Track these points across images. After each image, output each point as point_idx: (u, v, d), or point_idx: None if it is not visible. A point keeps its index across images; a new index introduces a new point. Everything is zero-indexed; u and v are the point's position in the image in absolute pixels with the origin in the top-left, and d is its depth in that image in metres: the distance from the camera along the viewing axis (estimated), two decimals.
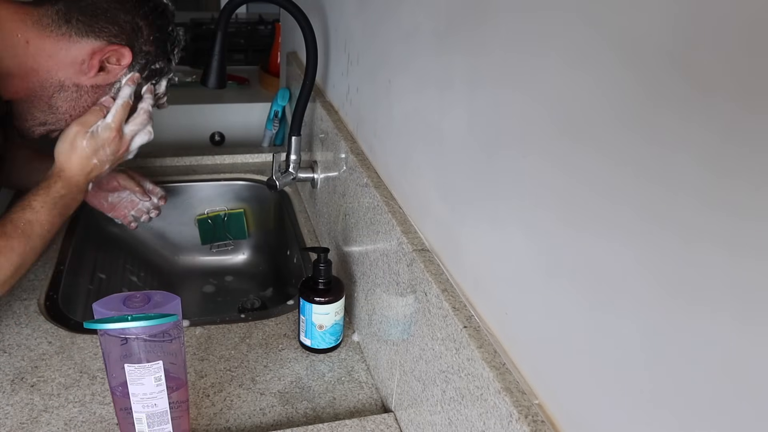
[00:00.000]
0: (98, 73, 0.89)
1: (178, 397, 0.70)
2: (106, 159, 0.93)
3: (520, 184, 0.51)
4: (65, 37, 0.86)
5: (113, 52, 0.89)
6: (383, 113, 0.84)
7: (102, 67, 0.89)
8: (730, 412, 0.33)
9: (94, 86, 0.90)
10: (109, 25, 0.88)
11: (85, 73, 0.88)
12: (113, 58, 0.89)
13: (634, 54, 0.38)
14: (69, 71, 0.87)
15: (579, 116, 0.43)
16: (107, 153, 0.93)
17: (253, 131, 1.81)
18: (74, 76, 0.88)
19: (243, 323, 0.96)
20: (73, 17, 0.86)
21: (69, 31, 0.86)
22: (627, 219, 0.39)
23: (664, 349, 0.37)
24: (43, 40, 0.84)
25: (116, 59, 0.89)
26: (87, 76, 0.89)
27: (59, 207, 0.86)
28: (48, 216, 0.84)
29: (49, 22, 0.85)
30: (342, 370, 0.89)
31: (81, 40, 0.87)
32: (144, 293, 0.66)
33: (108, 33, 0.88)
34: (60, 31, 0.85)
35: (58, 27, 0.85)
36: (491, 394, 0.53)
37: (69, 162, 0.90)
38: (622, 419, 0.41)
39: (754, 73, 0.30)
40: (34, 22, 0.84)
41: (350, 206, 0.95)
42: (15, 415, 0.77)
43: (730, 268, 0.32)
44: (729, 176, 0.32)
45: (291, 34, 1.50)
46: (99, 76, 0.89)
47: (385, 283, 0.80)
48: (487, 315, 0.59)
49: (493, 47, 0.54)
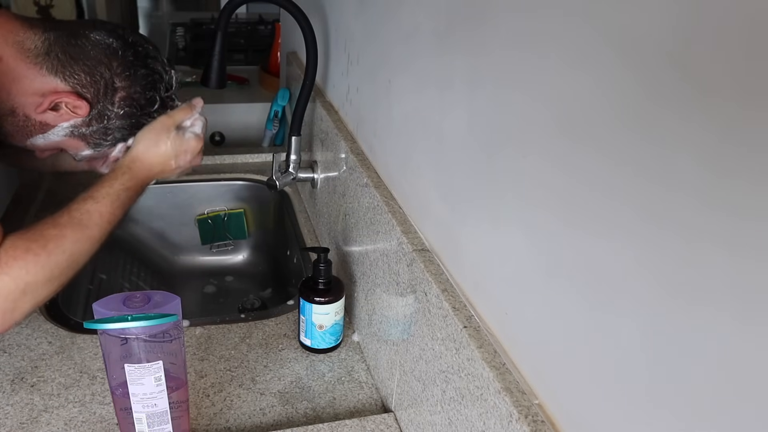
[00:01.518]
0: (48, 112, 0.86)
1: (178, 397, 0.70)
2: (182, 165, 0.94)
3: (520, 184, 0.51)
4: (36, 67, 0.83)
5: (72, 100, 0.85)
6: (383, 113, 0.84)
7: (55, 107, 0.86)
8: (730, 412, 0.33)
9: (42, 122, 0.87)
10: (81, 73, 0.86)
11: (36, 107, 0.85)
12: (70, 104, 0.86)
13: (634, 54, 0.38)
14: (25, 100, 0.84)
15: (579, 116, 0.43)
16: (186, 159, 0.93)
17: (253, 131, 1.81)
18: (27, 107, 0.85)
19: (243, 323, 0.96)
20: (53, 52, 0.84)
21: (43, 63, 0.83)
22: (627, 219, 0.39)
23: (664, 349, 0.37)
24: (16, 63, 0.82)
25: (72, 107, 0.86)
26: (38, 113, 0.85)
27: (122, 199, 0.84)
28: (110, 207, 0.82)
29: (31, 47, 0.82)
30: (342, 370, 0.89)
31: (48, 76, 0.84)
32: (144, 293, 0.66)
33: (76, 81, 0.86)
34: (35, 60, 0.83)
35: (35, 56, 0.83)
36: (491, 394, 0.53)
37: (146, 154, 0.89)
38: (622, 419, 0.41)
39: (754, 73, 0.30)
40: (17, 42, 0.82)
41: (350, 206, 0.95)
42: (15, 415, 0.77)
43: (730, 268, 0.32)
44: (729, 176, 0.32)
45: (291, 34, 1.50)
46: (48, 114, 0.86)
47: (385, 283, 0.80)
48: (487, 315, 0.59)
49: (493, 47, 0.54)
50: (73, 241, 0.76)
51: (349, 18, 0.98)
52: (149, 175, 0.90)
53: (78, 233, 0.77)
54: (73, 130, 0.88)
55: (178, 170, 0.95)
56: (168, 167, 0.93)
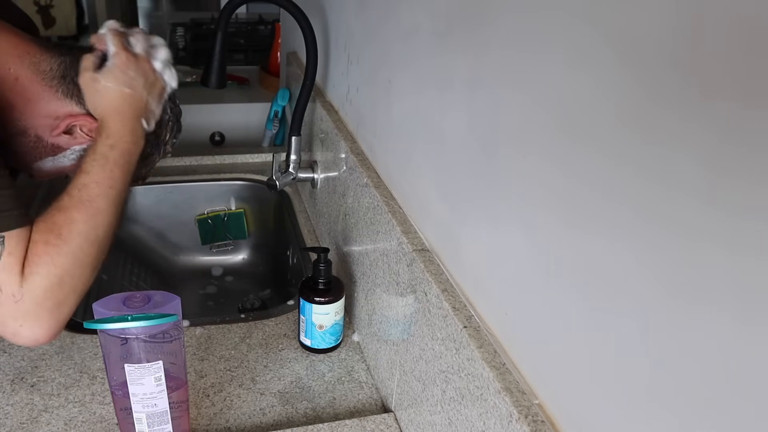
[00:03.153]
0: (63, 135, 0.85)
1: (178, 397, 0.70)
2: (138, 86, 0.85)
3: (520, 184, 0.51)
4: (52, 90, 0.82)
5: (87, 123, 0.84)
6: (383, 113, 0.84)
7: (69, 131, 0.85)
8: (730, 412, 0.33)
9: (54, 145, 0.86)
10: None
11: (51, 129, 0.84)
12: (85, 128, 0.85)
13: (634, 54, 0.38)
14: (38, 122, 0.83)
15: (579, 116, 0.43)
16: (131, 77, 0.84)
17: (253, 131, 1.81)
18: (40, 129, 0.84)
19: (243, 323, 0.96)
20: (69, 76, 0.83)
21: (58, 86, 0.83)
22: (627, 219, 0.39)
23: (664, 349, 0.37)
24: (32, 84, 0.81)
25: (87, 130, 0.85)
26: (51, 134, 0.84)
27: (113, 158, 0.79)
28: (103, 172, 0.77)
29: (46, 69, 0.82)
30: (342, 370, 0.89)
31: (63, 99, 0.83)
32: (144, 293, 0.66)
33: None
34: (51, 83, 0.82)
35: (51, 78, 0.82)
36: (491, 394, 0.53)
37: (101, 107, 0.83)
38: (622, 419, 0.41)
39: (754, 73, 0.30)
40: (33, 63, 0.81)
41: (350, 206, 0.95)
42: (15, 415, 0.77)
43: (730, 268, 0.32)
44: (729, 176, 0.32)
45: (291, 34, 1.50)
46: (62, 138, 0.85)
47: (385, 283, 0.80)
48: (487, 315, 0.59)
49: (493, 47, 0.54)
50: (83, 220, 0.73)
51: (349, 18, 0.98)
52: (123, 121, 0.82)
53: (83, 210, 0.74)
54: (83, 154, 0.84)
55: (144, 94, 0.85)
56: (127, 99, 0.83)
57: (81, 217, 0.73)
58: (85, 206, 0.74)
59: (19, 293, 0.66)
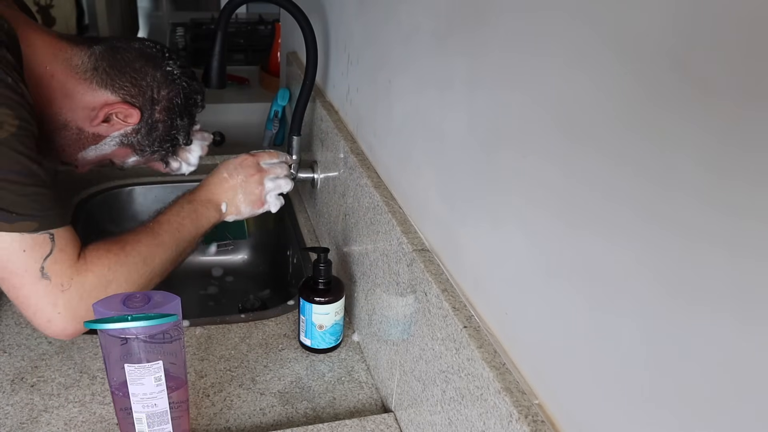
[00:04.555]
0: (102, 124, 0.91)
1: (178, 397, 0.70)
2: (237, 180, 0.98)
3: (520, 184, 0.51)
4: (86, 82, 0.88)
5: (123, 110, 0.91)
6: (383, 113, 0.84)
7: (107, 119, 0.91)
8: (730, 412, 0.33)
9: (95, 134, 0.92)
10: (129, 84, 0.91)
11: (91, 120, 0.90)
12: (121, 114, 0.91)
13: (634, 54, 0.38)
14: (77, 114, 0.89)
15: (579, 116, 0.43)
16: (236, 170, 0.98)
17: (253, 131, 1.81)
18: (80, 120, 0.89)
19: (243, 323, 0.96)
20: (101, 66, 0.89)
21: (92, 77, 0.88)
22: (627, 219, 0.39)
23: (664, 349, 0.37)
24: (67, 78, 0.86)
25: (124, 116, 0.91)
26: (91, 124, 0.90)
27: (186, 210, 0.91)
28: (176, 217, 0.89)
29: (78, 63, 0.87)
30: (342, 370, 0.89)
31: (99, 90, 0.89)
32: (144, 293, 0.66)
33: (126, 92, 0.91)
34: (84, 75, 0.88)
35: (84, 71, 0.88)
36: (491, 394, 0.53)
37: (210, 178, 0.97)
38: (622, 419, 0.41)
39: (754, 73, 0.30)
40: (65, 59, 0.86)
41: (350, 206, 0.95)
42: (15, 415, 0.77)
43: (730, 268, 0.32)
44: (728, 176, 0.32)
45: (291, 34, 1.50)
46: (102, 126, 0.91)
47: (385, 283, 0.80)
48: (487, 315, 0.59)
49: (493, 48, 0.54)
50: (147, 244, 0.82)
51: (349, 18, 0.98)
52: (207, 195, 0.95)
53: (149, 237, 0.83)
54: (122, 139, 0.94)
55: (238, 208, 0.98)
56: (223, 181, 0.96)
57: (145, 240, 0.82)
58: (152, 235, 0.84)
59: (68, 284, 0.72)
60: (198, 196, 0.95)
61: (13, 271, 0.71)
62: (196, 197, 0.95)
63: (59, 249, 0.72)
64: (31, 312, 0.74)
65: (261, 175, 1.00)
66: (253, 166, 1.00)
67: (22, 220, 0.69)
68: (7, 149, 0.68)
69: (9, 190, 0.68)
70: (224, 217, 0.96)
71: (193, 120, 1.02)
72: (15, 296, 0.73)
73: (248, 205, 0.99)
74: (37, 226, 0.70)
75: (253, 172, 0.99)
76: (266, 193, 1.00)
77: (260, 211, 1.00)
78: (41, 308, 0.73)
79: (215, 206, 0.95)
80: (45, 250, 0.71)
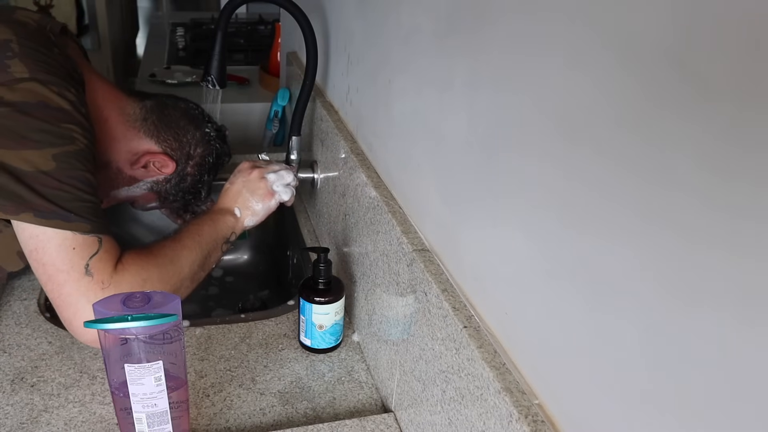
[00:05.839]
0: (140, 169, 1.01)
1: (178, 397, 0.70)
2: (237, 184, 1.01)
3: (520, 184, 0.51)
4: (135, 130, 0.99)
5: (162, 160, 1.01)
6: (383, 113, 0.84)
7: (146, 165, 1.01)
8: (730, 412, 0.33)
9: (131, 176, 1.02)
10: (171, 138, 1.02)
11: (131, 164, 1.00)
12: (159, 163, 1.02)
13: (633, 55, 0.38)
14: (120, 156, 0.99)
15: (578, 117, 0.43)
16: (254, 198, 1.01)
17: (253, 131, 1.81)
18: (121, 162, 0.99)
19: (243, 323, 0.97)
20: (150, 119, 1.00)
21: (141, 127, 0.99)
22: (626, 220, 0.39)
23: (664, 350, 0.37)
24: (118, 124, 0.97)
25: (160, 166, 1.02)
26: (131, 167, 1.00)
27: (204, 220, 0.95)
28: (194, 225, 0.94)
29: (130, 112, 0.99)
30: (342, 370, 0.89)
31: (145, 138, 1.00)
32: (144, 293, 0.66)
33: (168, 145, 1.02)
34: (134, 124, 0.99)
35: (134, 120, 0.99)
36: (491, 394, 0.53)
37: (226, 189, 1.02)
38: (621, 419, 0.41)
39: (754, 73, 0.30)
40: (120, 107, 0.98)
41: (350, 206, 0.95)
42: (15, 415, 0.78)
43: (729, 268, 0.32)
44: (728, 177, 0.32)
45: (291, 34, 1.50)
46: (139, 171, 1.01)
47: (385, 283, 0.80)
48: (487, 315, 0.59)
49: (493, 48, 0.54)
50: (171, 248, 0.88)
51: (349, 18, 0.98)
52: (218, 207, 1.00)
53: (173, 243, 0.89)
54: (153, 186, 1.05)
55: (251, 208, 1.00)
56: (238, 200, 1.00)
57: (169, 245, 0.89)
58: (175, 240, 0.90)
59: (108, 282, 0.78)
60: (211, 210, 1.00)
61: (60, 267, 0.76)
62: (209, 211, 1.00)
63: (104, 250, 0.78)
64: (72, 312, 0.77)
65: (260, 171, 1.02)
66: (249, 167, 1.03)
67: (78, 221, 0.76)
68: (75, 160, 0.78)
69: (72, 194, 0.76)
70: (243, 222, 1.00)
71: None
72: (57, 294, 0.77)
73: (258, 201, 1.00)
74: (90, 228, 0.77)
75: (250, 171, 1.02)
76: (271, 184, 1.02)
77: (273, 203, 1.02)
78: (81, 308, 0.76)
79: (229, 212, 0.99)
80: (92, 249, 0.77)
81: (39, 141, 0.76)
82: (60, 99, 0.79)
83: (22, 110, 0.76)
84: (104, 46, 2.96)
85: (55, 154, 0.76)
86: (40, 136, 0.76)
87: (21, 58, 0.80)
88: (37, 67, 0.80)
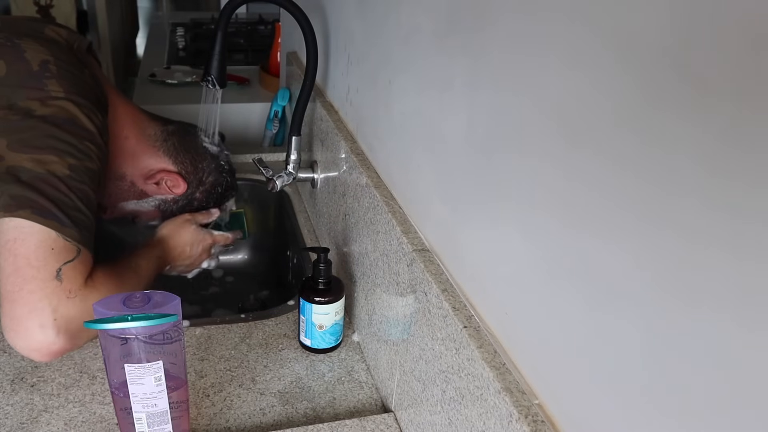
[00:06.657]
0: (152, 185, 1.05)
1: (178, 397, 0.70)
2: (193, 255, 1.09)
3: (519, 184, 0.51)
4: (154, 149, 1.04)
5: (175, 179, 1.06)
6: (383, 114, 0.84)
7: (158, 182, 1.06)
8: (729, 412, 0.33)
9: (142, 191, 1.06)
10: (188, 162, 1.07)
11: (145, 178, 1.05)
12: (171, 182, 1.06)
13: (633, 55, 0.38)
14: (136, 171, 1.04)
15: (578, 118, 0.43)
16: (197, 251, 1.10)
17: (253, 131, 1.81)
18: (136, 176, 1.04)
19: (243, 323, 0.97)
20: (171, 141, 1.05)
21: (160, 147, 1.05)
22: (626, 220, 0.39)
23: (664, 350, 0.37)
24: (138, 142, 1.02)
25: (172, 185, 1.07)
26: (144, 182, 1.05)
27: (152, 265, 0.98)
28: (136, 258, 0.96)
29: (151, 134, 1.04)
30: (342, 370, 0.89)
31: (163, 157, 1.05)
32: (144, 293, 0.66)
33: (183, 167, 1.07)
34: (154, 144, 1.04)
35: (155, 140, 1.04)
36: (491, 394, 0.53)
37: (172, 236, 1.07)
38: (621, 419, 0.41)
39: (754, 73, 0.30)
40: (142, 129, 1.03)
41: (350, 206, 0.95)
42: (15, 415, 0.78)
43: (729, 269, 0.32)
44: (728, 177, 0.32)
45: (291, 34, 1.50)
46: (151, 186, 1.06)
47: (385, 283, 0.80)
48: (487, 315, 0.59)
49: (492, 49, 0.54)
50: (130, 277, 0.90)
51: (349, 18, 0.98)
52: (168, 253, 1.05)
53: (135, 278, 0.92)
54: (161, 204, 1.09)
55: (188, 260, 1.08)
56: (183, 253, 1.07)
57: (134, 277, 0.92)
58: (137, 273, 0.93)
59: (75, 293, 0.76)
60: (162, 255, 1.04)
61: (32, 263, 0.74)
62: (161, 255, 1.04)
63: (80, 261, 0.78)
64: (27, 310, 0.73)
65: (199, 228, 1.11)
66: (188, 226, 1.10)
67: (70, 228, 0.77)
68: (87, 177, 0.81)
69: (74, 203, 0.78)
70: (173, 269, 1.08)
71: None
72: (18, 288, 0.73)
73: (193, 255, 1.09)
74: (77, 237, 0.78)
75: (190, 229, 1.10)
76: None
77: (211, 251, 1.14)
78: (40, 309, 0.73)
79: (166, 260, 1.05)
80: (69, 256, 0.77)
81: (61, 150, 0.79)
82: (87, 121, 0.83)
83: (52, 122, 0.80)
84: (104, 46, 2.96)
85: (72, 164, 0.79)
86: (63, 146, 0.79)
87: (58, 79, 0.83)
88: (72, 89, 0.84)
